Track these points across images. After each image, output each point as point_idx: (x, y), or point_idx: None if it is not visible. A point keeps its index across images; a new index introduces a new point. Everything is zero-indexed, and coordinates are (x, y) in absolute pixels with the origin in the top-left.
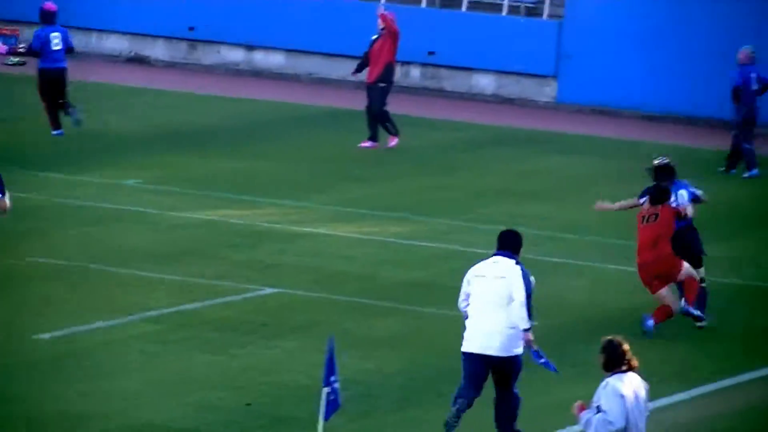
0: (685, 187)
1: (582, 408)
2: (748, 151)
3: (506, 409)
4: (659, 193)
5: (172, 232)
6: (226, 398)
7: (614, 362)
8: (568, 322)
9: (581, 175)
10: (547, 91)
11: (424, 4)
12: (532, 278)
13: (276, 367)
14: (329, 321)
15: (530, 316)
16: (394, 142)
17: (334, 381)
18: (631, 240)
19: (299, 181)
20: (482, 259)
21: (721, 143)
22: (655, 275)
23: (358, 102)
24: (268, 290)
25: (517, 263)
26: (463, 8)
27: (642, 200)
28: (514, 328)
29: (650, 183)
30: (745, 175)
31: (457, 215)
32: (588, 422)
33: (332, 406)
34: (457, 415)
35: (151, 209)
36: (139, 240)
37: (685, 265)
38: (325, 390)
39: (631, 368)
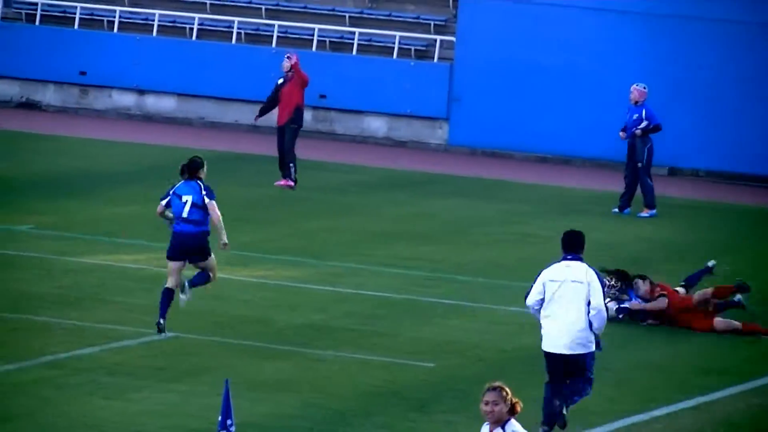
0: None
1: None
2: (650, 188)
3: (576, 383)
4: None
5: (67, 277)
6: None
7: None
8: (463, 364)
9: (473, 216)
10: (439, 134)
11: (314, 48)
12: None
13: (172, 410)
14: (225, 364)
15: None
16: (288, 184)
17: (231, 425)
18: (521, 281)
19: None
20: (554, 262)
21: (609, 184)
22: None
23: (250, 146)
24: (165, 334)
25: (589, 266)
26: (354, 51)
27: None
28: (586, 329)
29: None
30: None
31: (349, 258)
32: None
33: None
34: (561, 410)
35: (45, 254)
36: (33, 285)
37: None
38: None
39: (513, 413)
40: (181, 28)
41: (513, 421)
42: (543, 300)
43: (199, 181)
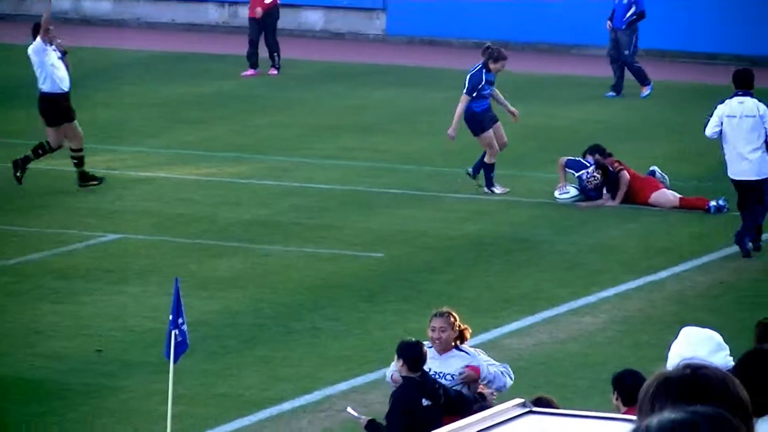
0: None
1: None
2: (639, 69)
3: (755, 210)
4: None
5: (10, 183)
6: (74, 346)
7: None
8: (412, 253)
9: (415, 106)
10: (377, 24)
11: None
12: None
13: (123, 312)
14: (173, 264)
15: None
16: (271, 73)
17: (182, 323)
18: (466, 167)
19: (133, 126)
20: (728, 98)
21: (549, 67)
22: None
23: (188, 45)
24: (111, 236)
25: (759, 101)
26: None
27: None
28: (762, 153)
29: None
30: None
31: (293, 152)
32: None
33: (181, 347)
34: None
35: None
36: None
37: None
38: (173, 332)
39: (462, 340)
40: None
41: (457, 351)
42: (720, 131)
43: None
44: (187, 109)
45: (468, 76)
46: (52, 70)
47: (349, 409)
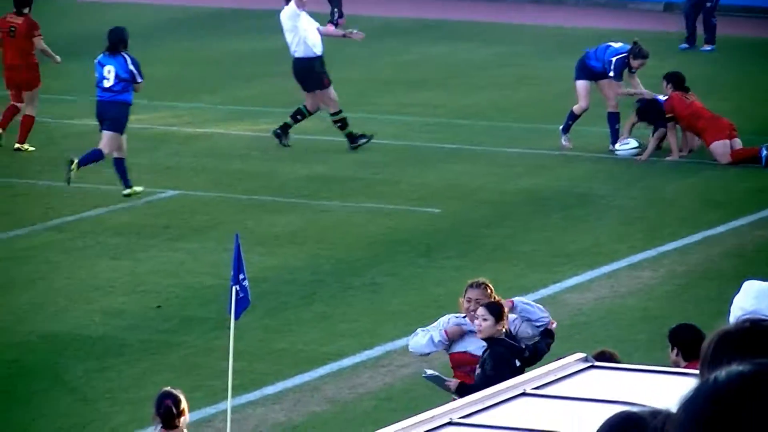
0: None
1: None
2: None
3: None
4: None
5: (69, 141)
6: (132, 302)
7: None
8: (468, 208)
9: (470, 60)
10: None
11: None
12: None
13: (181, 268)
14: (231, 220)
15: None
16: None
17: (243, 279)
18: (522, 122)
19: (190, 83)
20: None
21: (606, 22)
22: None
23: (244, 2)
24: (169, 193)
25: None
26: None
27: None
28: None
29: None
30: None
31: (350, 108)
32: None
33: (242, 303)
34: None
35: (46, 118)
36: (37, 150)
37: None
38: (234, 288)
39: None
40: None
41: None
42: None
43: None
44: (243, 65)
45: (614, 60)
46: (304, 35)
47: (428, 371)
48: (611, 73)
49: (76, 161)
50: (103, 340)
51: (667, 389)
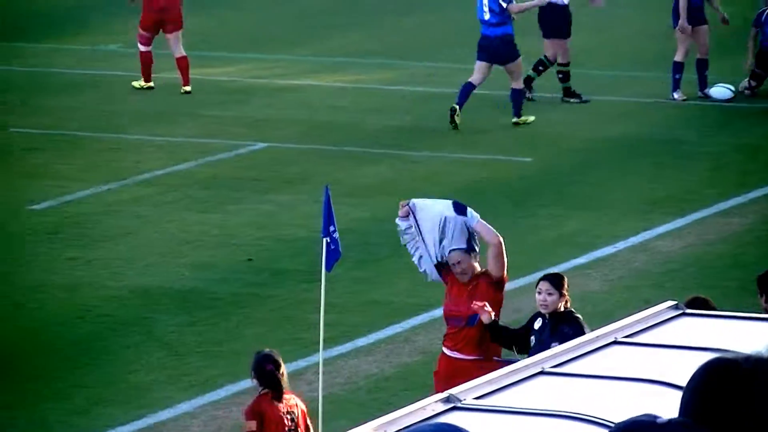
0: None
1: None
2: None
3: None
4: None
5: (155, 93)
6: (223, 256)
7: None
8: (561, 155)
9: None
10: None
11: None
12: None
13: (271, 221)
14: (321, 171)
15: None
16: None
17: (333, 231)
18: (607, 69)
19: (276, 34)
20: None
21: None
22: None
23: None
24: (259, 145)
25: None
26: None
27: None
28: None
29: None
30: None
31: (438, 57)
32: None
33: (333, 255)
34: None
35: (134, 72)
36: (123, 104)
37: None
38: (325, 240)
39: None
40: None
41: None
42: None
43: None
44: (331, 15)
45: None
46: None
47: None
48: None
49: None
50: (193, 293)
51: (759, 335)
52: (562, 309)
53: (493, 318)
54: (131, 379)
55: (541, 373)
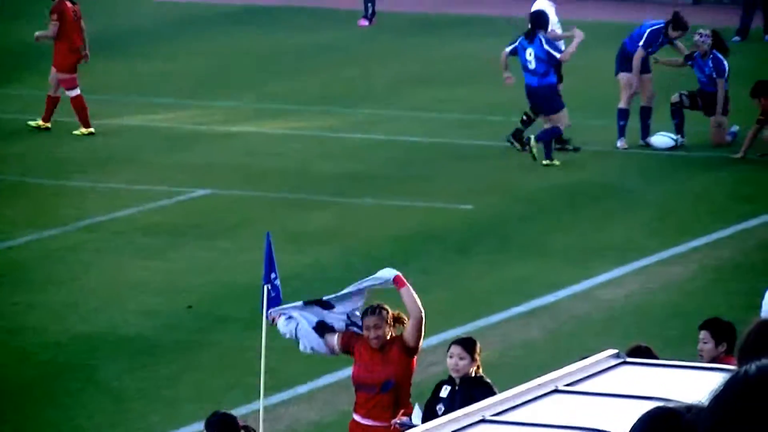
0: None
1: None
2: None
3: None
4: None
5: (100, 139)
6: (165, 302)
7: None
8: (502, 203)
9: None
10: None
11: None
12: None
13: (214, 267)
14: (264, 218)
15: None
16: (362, 24)
17: (275, 278)
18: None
19: (222, 80)
20: None
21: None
22: None
23: None
24: (200, 192)
25: None
26: None
27: None
28: None
29: None
30: None
31: (384, 104)
32: None
33: (274, 302)
34: None
35: (76, 119)
36: (66, 150)
37: None
38: (266, 287)
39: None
40: None
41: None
42: None
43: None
44: (276, 62)
45: (648, 31)
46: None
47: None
48: (640, 42)
49: (533, 137)
50: (136, 339)
51: (700, 385)
52: (473, 374)
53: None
54: (72, 425)
55: (482, 421)
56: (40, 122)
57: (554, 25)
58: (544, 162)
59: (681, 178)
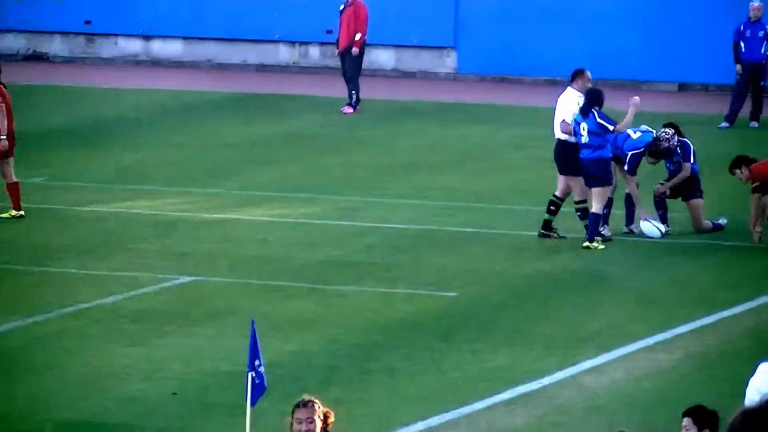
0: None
1: None
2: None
3: None
4: None
5: (84, 226)
6: (149, 389)
7: None
8: (486, 291)
9: (487, 143)
10: (448, 62)
11: None
12: None
13: (198, 355)
14: (247, 305)
15: None
16: (347, 111)
17: (259, 365)
18: (539, 205)
19: (206, 167)
20: None
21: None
22: None
23: (259, 85)
24: (185, 279)
25: None
26: None
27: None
28: None
29: None
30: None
31: (366, 192)
32: None
33: (258, 390)
34: None
35: (60, 205)
36: (50, 237)
37: None
38: (250, 374)
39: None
40: None
41: None
42: None
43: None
44: (259, 149)
45: (629, 155)
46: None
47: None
48: (625, 167)
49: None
50: (119, 428)
51: None
52: None
53: None
54: None
55: None
56: (12, 212)
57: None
58: (585, 244)
59: (665, 264)
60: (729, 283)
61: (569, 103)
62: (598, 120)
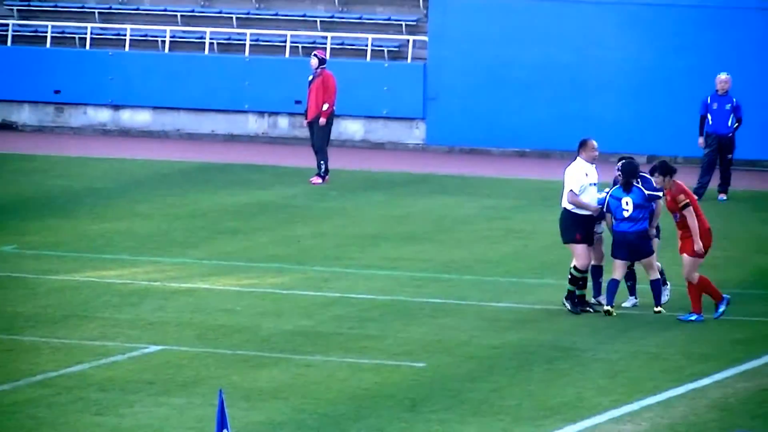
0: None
1: None
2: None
3: None
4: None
5: (52, 295)
6: None
7: None
8: (454, 362)
9: (456, 214)
10: (416, 134)
11: (287, 54)
12: None
13: (166, 424)
14: (215, 375)
15: None
16: (315, 182)
17: None
18: (508, 276)
19: (174, 237)
20: None
21: None
22: None
23: (228, 155)
24: (153, 348)
25: None
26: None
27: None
28: None
29: None
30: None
31: (335, 262)
32: None
33: None
34: None
35: (29, 274)
36: (19, 305)
37: None
38: None
39: None
40: (153, 41)
41: None
42: None
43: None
44: (228, 219)
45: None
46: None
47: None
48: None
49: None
50: None
51: None
52: None
53: None
54: None
55: None
56: None
57: (588, 187)
58: (655, 309)
59: (633, 336)
60: (697, 356)
61: (577, 173)
62: (648, 192)
